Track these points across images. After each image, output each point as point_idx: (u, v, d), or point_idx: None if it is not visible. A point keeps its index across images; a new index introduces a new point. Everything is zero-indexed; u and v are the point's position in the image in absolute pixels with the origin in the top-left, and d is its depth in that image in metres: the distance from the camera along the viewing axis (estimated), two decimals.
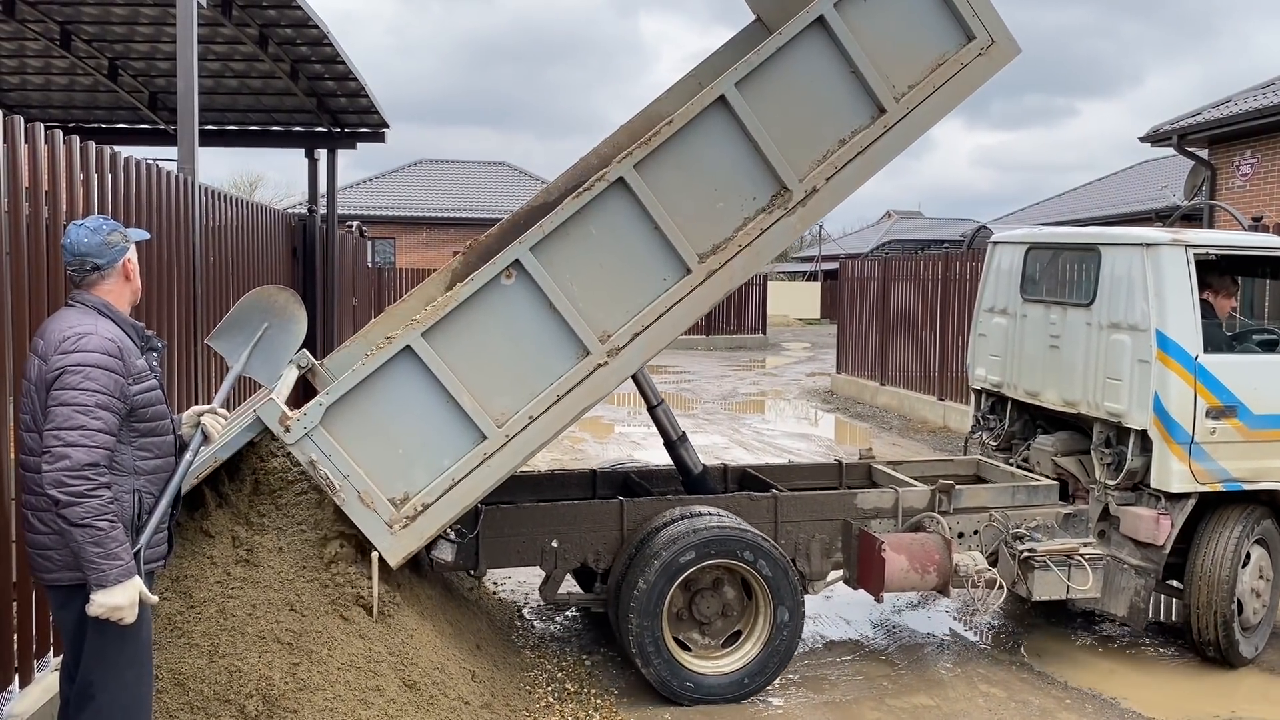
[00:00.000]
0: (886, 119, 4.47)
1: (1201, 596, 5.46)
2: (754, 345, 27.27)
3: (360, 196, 32.23)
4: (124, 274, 3.22)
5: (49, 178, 4.31)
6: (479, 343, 4.19)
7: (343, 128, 12.53)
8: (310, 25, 9.53)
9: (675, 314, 4.34)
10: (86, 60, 10.91)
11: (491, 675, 4.64)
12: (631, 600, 4.76)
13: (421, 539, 4.15)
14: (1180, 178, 16.11)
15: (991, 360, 6.68)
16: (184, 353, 6.62)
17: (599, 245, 4.26)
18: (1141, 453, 5.51)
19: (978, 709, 4.99)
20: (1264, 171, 12.78)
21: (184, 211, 6.59)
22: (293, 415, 3.98)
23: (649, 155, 4.25)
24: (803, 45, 4.36)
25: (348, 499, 4.03)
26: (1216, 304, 5.90)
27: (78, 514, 2.90)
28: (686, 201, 4.32)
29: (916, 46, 4.52)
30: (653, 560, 4.78)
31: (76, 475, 2.89)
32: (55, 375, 2.97)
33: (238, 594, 4.03)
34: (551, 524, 5.04)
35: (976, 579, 5.27)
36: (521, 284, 4.20)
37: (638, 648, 4.78)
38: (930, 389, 13.88)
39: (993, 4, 4.62)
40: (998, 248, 6.75)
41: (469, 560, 4.94)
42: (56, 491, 2.90)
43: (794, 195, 4.39)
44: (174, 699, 3.76)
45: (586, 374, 4.27)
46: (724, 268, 4.35)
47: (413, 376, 4.12)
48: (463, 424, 4.17)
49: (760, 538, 4.96)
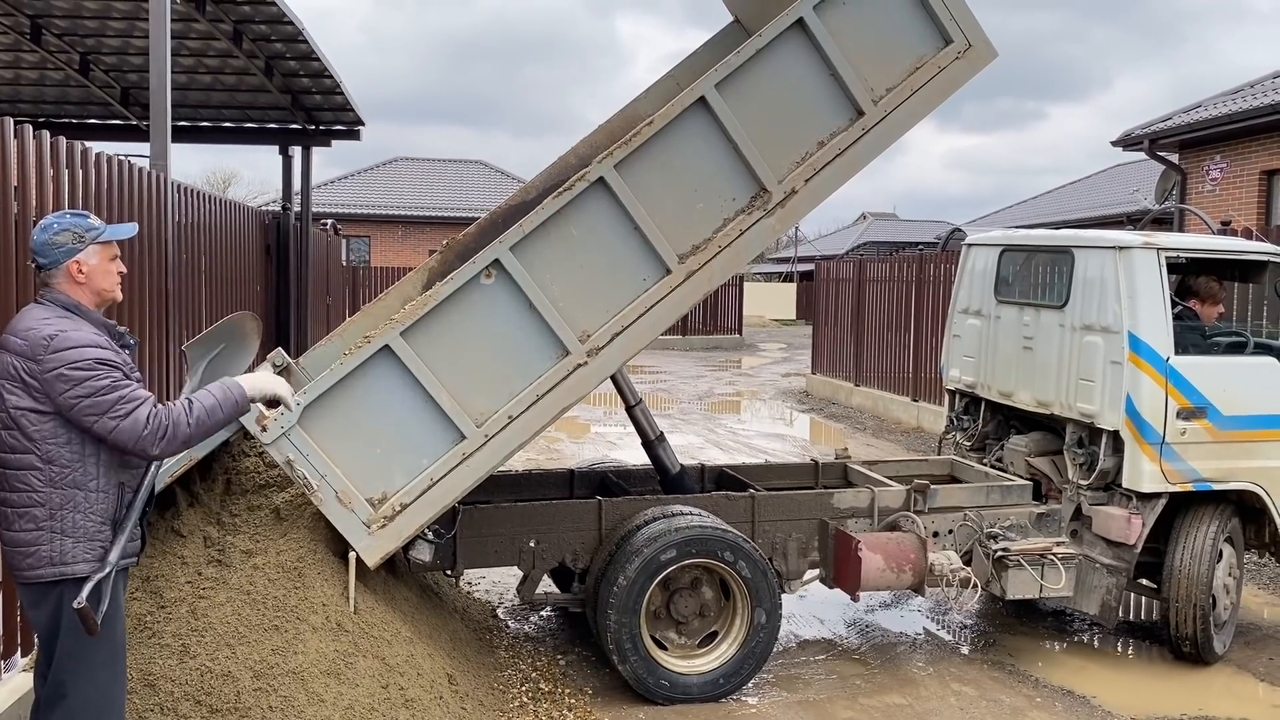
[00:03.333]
0: (865, 121, 4.49)
1: (1181, 593, 5.53)
2: (730, 346, 27.32)
3: (335, 194, 32.03)
4: (70, 276, 3.09)
5: (18, 173, 4.25)
6: (458, 342, 4.17)
7: (318, 125, 12.45)
8: (285, 21, 9.46)
9: (655, 314, 4.34)
10: (57, 54, 10.78)
11: (466, 675, 4.63)
12: (611, 597, 4.76)
13: (399, 539, 4.13)
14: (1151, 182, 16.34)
15: (966, 361, 6.74)
16: (156, 350, 6.56)
17: (579, 245, 4.26)
18: (1113, 453, 5.58)
19: (949, 707, 5.03)
20: (1233, 176, 12.99)
21: (156, 208, 6.53)
22: (270, 414, 3.95)
23: (629, 155, 4.25)
24: (782, 47, 4.38)
25: (325, 499, 4.01)
26: (1202, 311, 5.96)
27: (187, 432, 3.08)
28: (666, 202, 4.33)
29: (894, 50, 4.55)
30: (633, 557, 4.79)
31: (145, 428, 3.00)
32: (54, 375, 2.94)
33: (209, 594, 4.00)
34: (530, 524, 5.04)
35: (951, 578, 5.31)
36: (501, 283, 4.19)
37: (615, 644, 4.79)
38: (904, 390, 13.98)
39: (970, 8, 4.67)
40: (972, 250, 6.81)
41: (446, 560, 4.93)
42: (156, 448, 3.04)
43: (773, 197, 4.41)
44: (144, 700, 3.72)
45: (566, 374, 4.26)
46: (703, 268, 4.36)
47: (391, 376, 4.10)
48: (441, 424, 4.15)
49: (740, 539, 4.98)
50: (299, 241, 12.02)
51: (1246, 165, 12.90)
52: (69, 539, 3.02)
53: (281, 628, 3.89)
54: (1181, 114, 13.73)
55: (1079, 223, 19.41)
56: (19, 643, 4.24)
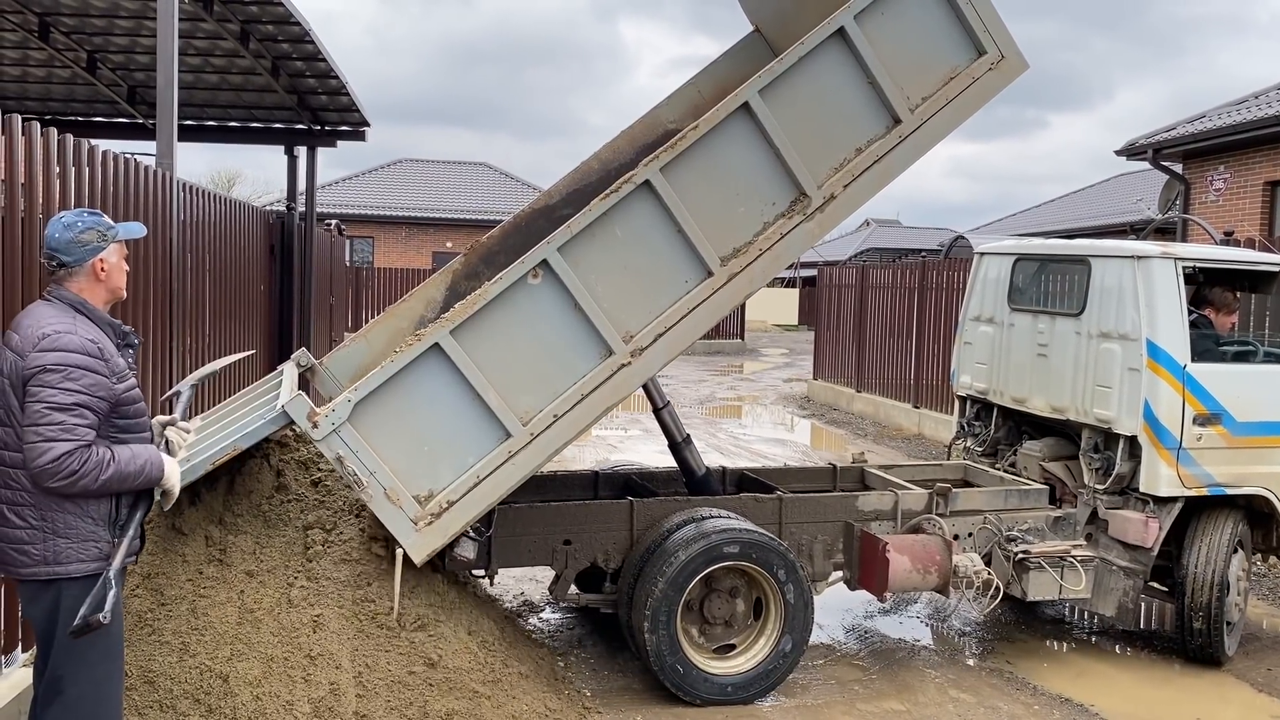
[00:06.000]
0: (902, 129, 4.58)
1: (1195, 594, 5.62)
2: (732, 350, 27.30)
3: (339, 195, 32.00)
4: (94, 274, 3.13)
5: (25, 170, 4.24)
6: (505, 341, 4.22)
7: (323, 125, 12.45)
8: (292, 22, 9.48)
9: (697, 316, 4.41)
10: (65, 52, 10.75)
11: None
12: (666, 566, 4.77)
13: (445, 536, 4.16)
14: (1154, 192, 16.46)
15: (977, 368, 6.82)
16: (160, 349, 6.56)
17: (624, 246, 4.32)
18: (1129, 458, 5.68)
19: (947, 714, 5.04)
20: (1236, 187, 13.12)
21: (162, 206, 6.54)
22: (321, 411, 3.99)
23: (675, 159, 4.32)
24: (823, 55, 4.46)
25: (374, 495, 4.04)
26: (1217, 320, 6.08)
27: (90, 485, 2.97)
28: (709, 205, 4.40)
29: (930, 60, 4.64)
30: (697, 541, 4.84)
31: (61, 461, 2.91)
32: (33, 373, 2.93)
33: (210, 593, 4.02)
34: (563, 524, 5.08)
35: (975, 580, 5.39)
36: (548, 284, 4.25)
37: (650, 614, 4.78)
38: (906, 396, 14.06)
39: (1002, 20, 4.76)
40: (984, 258, 6.90)
41: (482, 559, 4.96)
42: (53, 483, 2.92)
43: (812, 201, 4.49)
44: (143, 697, 3.75)
45: (610, 374, 4.32)
46: (744, 271, 4.43)
47: (439, 374, 4.14)
48: (488, 422, 4.19)
49: (798, 564, 5.05)
50: (303, 242, 12.00)
51: (1250, 176, 13.02)
52: (62, 539, 3.01)
53: (283, 627, 3.92)
54: (1185, 124, 13.82)
55: (1082, 232, 19.51)
56: (19, 638, 4.23)
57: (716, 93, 6.09)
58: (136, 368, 3.30)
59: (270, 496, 4.47)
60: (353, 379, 5.51)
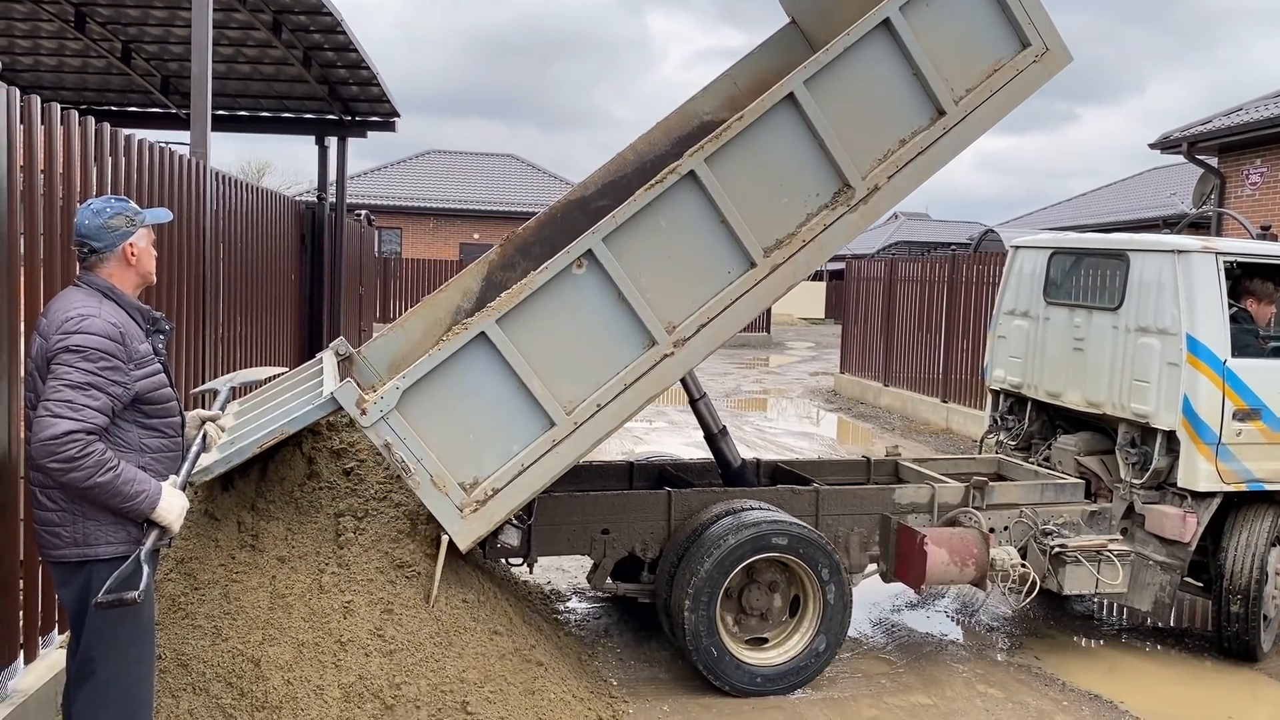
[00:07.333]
0: (946, 121, 4.57)
1: (1236, 579, 5.59)
2: (758, 344, 27.15)
3: (368, 186, 32.15)
4: (124, 259, 3.15)
5: (63, 159, 4.28)
6: (549, 330, 4.24)
7: (354, 116, 12.53)
8: (324, 12, 9.54)
9: (740, 307, 4.42)
10: (100, 43, 10.86)
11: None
12: (714, 549, 4.80)
13: (490, 524, 4.20)
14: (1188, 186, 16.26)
15: (1011, 362, 6.79)
16: (193, 336, 6.63)
17: (668, 237, 4.33)
18: (1167, 452, 5.65)
19: (975, 709, 5.02)
20: (1273, 181, 12.93)
21: (195, 195, 6.60)
22: (369, 398, 4.02)
23: (719, 149, 4.32)
24: (868, 46, 4.45)
25: (421, 483, 4.07)
26: (1257, 312, 6.01)
27: (80, 479, 2.89)
28: (752, 196, 4.40)
29: (974, 51, 4.62)
30: (746, 529, 4.86)
31: (62, 441, 2.86)
32: (56, 353, 2.96)
33: (242, 578, 4.06)
34: (601, 513, 5.10)
35: (1011, 573, 5.38)
36: (592, 273, 4.26)
37: (693, 594, 4.80)
38: (934, 391, 14.00)
39: (1047, 12, 4.73)
40: (1019, 252, 6.86)
41: (522, 548, 5.00)
42: (49, 463, 2.88)
43: (856, 192, 4.48)
44: (177, 679, 3.79)
45: (653, 364, 4.33)
46: (788, 262, 4.43)
47: (485, 362, 4.17)
48: (532, 410, 4.22)
49: (841, 566, 5.06)
50: (333, 232, 12.10)
51: None
52: (91, 521, 3.03)
53: (316, 612, 3.95)
54: (1221, 117, 13.65)
55: (1115, 226, 19.29)
56: (56, 620, 4.29)
57: (752, 85, 6.09)
58: (167, 354, 3.31)
59: (302, 484, 4.50)
60: (390, 368, 5.56)
